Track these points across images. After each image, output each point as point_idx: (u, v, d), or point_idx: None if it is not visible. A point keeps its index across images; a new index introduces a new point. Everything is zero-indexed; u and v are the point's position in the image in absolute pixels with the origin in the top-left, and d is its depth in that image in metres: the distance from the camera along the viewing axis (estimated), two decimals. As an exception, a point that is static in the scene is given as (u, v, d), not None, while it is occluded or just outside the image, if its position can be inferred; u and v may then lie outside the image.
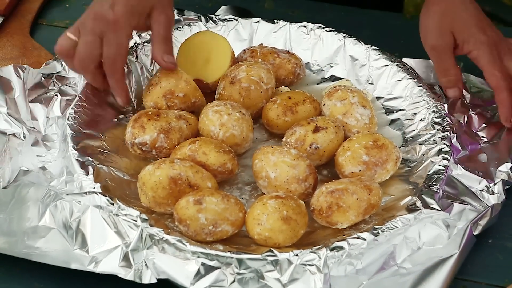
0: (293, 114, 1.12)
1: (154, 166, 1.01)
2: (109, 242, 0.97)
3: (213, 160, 1.05)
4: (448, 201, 1.03)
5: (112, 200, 0.99)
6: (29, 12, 1.37)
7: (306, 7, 1.38)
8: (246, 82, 1.13)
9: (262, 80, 1.14)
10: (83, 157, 1.05)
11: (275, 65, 1.19)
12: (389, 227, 0.98)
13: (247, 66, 1.15)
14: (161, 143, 1.08)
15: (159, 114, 1.09)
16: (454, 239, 1.00)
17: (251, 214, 0.98)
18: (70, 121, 1.10)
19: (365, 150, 1.06)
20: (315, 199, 1.01)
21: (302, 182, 1.03)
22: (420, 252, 0.98)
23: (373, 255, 0.96)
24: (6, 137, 1.11)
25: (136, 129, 1.08)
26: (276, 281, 0.93)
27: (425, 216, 1.00)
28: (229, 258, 0.93)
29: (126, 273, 0.94)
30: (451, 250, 0.99)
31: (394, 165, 1.06)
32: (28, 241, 0.98)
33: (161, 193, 1.00)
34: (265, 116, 1.14)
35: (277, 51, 1.21)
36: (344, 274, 0.94)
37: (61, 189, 1.03)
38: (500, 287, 1.00)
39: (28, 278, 0.98)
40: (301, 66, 1.21)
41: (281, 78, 1.20)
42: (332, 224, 1.00)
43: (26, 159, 1.08)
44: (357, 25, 1.35)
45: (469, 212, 1.03)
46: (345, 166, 1.06)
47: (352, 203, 0.99)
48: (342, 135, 1.10)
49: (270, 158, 1.04)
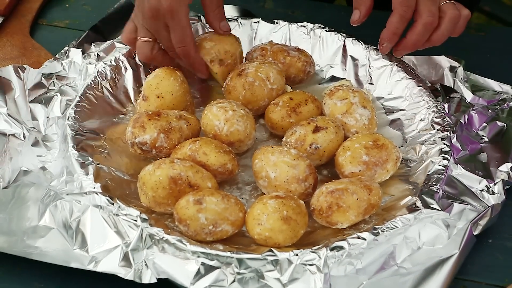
0: (297, 115, 1.12)
1: (154, 166, 1.01)
2: (109, 242, 0.97)
3: (213, 160, 1.05)
4: (448, 201, 1.03)
5: (112, 200, 0.99)
6: (29, 12, 1.37)
7: (306, 7, 1.38)
8: (252, 77, 1.13)
9: (268, 79, 1.14)
10: (83, 157, 1.05)
11: (286, 64, 1.19)
12: (389, 227, 0.98)
13: (258, 63, 1.16)
14: (161, 143, 1.08)
15: (160, 114, 1.09)
16: (454, 239, 1.00)
17: (251, 214, 0.98)
18: (70, 121, 1.10)
19: (365, 150, 1.06)
20: (315, 199, 1.01)
21: (302, 182, 1.03)
22: (420, 252, 0.98)
23: (373, 255, 0.96)
24: (6, 137, 1.11)
25: (136, 128, 1.08)
26: (276, 281, 0.93)
27: (425, 216, 1.00)
28: (229, 258, 0.93)
29: (126, 273, 0.94)
30: (451, 250, 0.99)
31: (394, 165, 1.06)
32: (28, 240, 0.98)
33: (161, 193, 1.00)
34: (268, 119, 1.14)
35: (287, 49, 1.21)
36: (344, 273, 0.94)
37: (61, 189, 1.03)
38: (500, 287, 1.00)
39: (28, 277, 0.98)
40: (311, 64, 1.21)
41: (291, 77, 1.20)
42: (332, 224, 1.00)
43: (26, 159, 1.08)
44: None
45: (469, 212, 1.03)
46: (345, 166, 1.06)
47: (352, 203, 0.99)
48: (342, 135, 1.10)
49: (270, 158, 1.04)
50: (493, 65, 1.31)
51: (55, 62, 1.21)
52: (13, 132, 1.11)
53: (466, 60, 1.19)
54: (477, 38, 1.25)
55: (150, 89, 1.13)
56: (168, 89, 1.12)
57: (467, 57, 1.15)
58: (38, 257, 0.96)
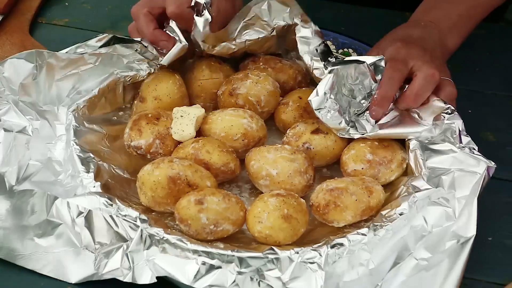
0: (309, 114, 1.12)
1: (153, 166, 1.01)
2: (109, 242, 0.97)
3: (216, 159, 1.04)
4: (437, 177, 1.02)
5: (111, 201, 0.98)
6: (29, 11, 1.37)
7: (306, 5, 1.38)
8: (242, 100, 1.12)
9: (259, 103, 1.12)
10: (84, 153, 1.05)
11: (276, 69, 1.18)
12: (389, 219, 0.97)
13: (252, 82, 1.13)
14: (156, 149, 1.07)
15: (159, 117, 1.08)
16: (461, 212, 0.99)
17: (252, 212, 0.98)
18: (76, 113, 1.09)
19: (370, 149, 1.05)
20: (314, 194, 1.01)
21: (304, 174, 1.03)
22: (432, 236, 0.97)
23: (382, 251, 0.95)
24: (12, 134, 1.08)
25: (133, 131, 1.07)
26: (277, 280, 0.93)
27: (421, 200, 0.99)
28: (230, 257, 0.93)
29: (127, 273, 0.94)
30: (463, 223, 0.97)
31: (399, 165, 1.05)
32: (30, 241, 0.99)
33: (160, 193, 1.00)
34: (280, 120, 1.13)
35: (280, 58, 1.19)
36: (357, 276, 0.94)
37: (67, 184, 1.03)
38: (500, 285, 1.00)
39: (28, 277, 0.98)
40: (303, 74, 1.19)
41: (281, 82, 1.17)
42: (328, 221, 1.00)
43: (34, 152, 1.06)
44: (357, 23, 1.35)
45: (460, 178, 1.01)
46: (348, 164, 1.06)
47: (350, 203, 0.99)
48: (342, 146, 1.08)
49: (268, 157, 1.04)
50: (493, 63, 1.32)
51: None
52: (22, 126, 1.08)
53: (466, 59, 1.18)
54: (477, 36, 1.25)
55: (148, 91, 1.13)
56: (166, 92, 1.12)
57: (466, 56, 1.15)
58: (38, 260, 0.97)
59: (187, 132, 1.07)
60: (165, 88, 1.12)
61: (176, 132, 1.07)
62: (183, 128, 1.08)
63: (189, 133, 1.07)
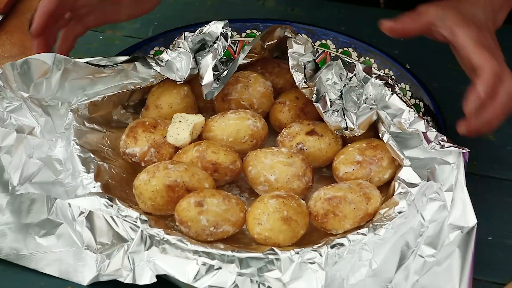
0: (305, 115, 1.12)
1: (149, 175, 1.00)
2: (110, 242, 0.97)
3: (224, 158, 1.04)
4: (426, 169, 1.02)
5: (111, 201, 0.99)
6: (29, 10, 1.37)
7: (306, 5, 1.38)
8: (235, 105, 1.12)
9: (252, 106, 1.12)
10: (85, 153, 1.05)
11: (273, 73, 1.17)
12: (388, 218, 0.97)
13: (242, 86, 1.12)
14: (150, 157, 1.06)
15: (156, 126, 1.08)
16: (453, 204, 0.98)
17: (252, 213, 0.98)
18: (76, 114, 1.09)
19: (359, 151, 1.05)
20: (312, 202, 1.01)
21: (302, 178, 1.03)
22: (430, 231, 0.97)
23: (384, 250, 0.95)
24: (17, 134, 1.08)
25: (129, 138, 1.07)
26: (277, 280, 0.93)
27: (417, 196, 0.99)
28: (230, 257, 0.93)
29: (127, 274, 0.94)
30: (459, 214, 0.97)
31: (391, 162, 1.05)
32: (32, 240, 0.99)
33: (160, 201, 0.99)
34: (276, 119, 1.13)
35: (278, 61, 1.18)
36: (362, 277, 0.94)
37: (68, 184, 1.03)
38: (500, 284, 1.00)
39: (28, 277, 0.98)
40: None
41: (278, 87, 1.16)
42: (326, 230, 1.00)
43: (37, 150, 1.06)
44: (357, 23, 1.35)
45: (440, 171, 1.01)
46: (339, 168, 1.05)
47: (348, 212, 0.99)
48: (337, 149, 1.08)
49: (265, 162, 1.03)
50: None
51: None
52: (31, 127, 1.08)
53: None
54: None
55: (152, 98, 1.12)
56: (168, 101, 1.11)
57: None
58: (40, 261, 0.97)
59: (182, 136, 1.07)
60: (168, 97, 1.11)
61: (171, 135, 1.07)
62: (179, 132, 1.07)
63: (184, 137, 1.07)
